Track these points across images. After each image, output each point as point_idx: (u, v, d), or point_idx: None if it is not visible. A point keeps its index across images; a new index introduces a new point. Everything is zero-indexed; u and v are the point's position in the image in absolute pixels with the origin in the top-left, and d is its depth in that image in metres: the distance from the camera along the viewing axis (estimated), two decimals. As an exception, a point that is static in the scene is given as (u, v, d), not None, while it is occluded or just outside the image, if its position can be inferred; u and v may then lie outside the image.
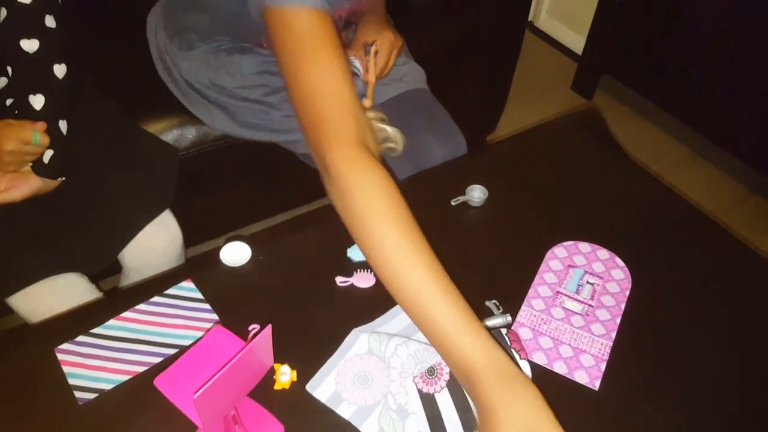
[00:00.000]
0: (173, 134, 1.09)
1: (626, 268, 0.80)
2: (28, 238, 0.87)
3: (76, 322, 0.68)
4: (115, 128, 1.00)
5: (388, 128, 0.94)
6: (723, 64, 1.71)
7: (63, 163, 0.86)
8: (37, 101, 0.82)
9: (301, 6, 0.67)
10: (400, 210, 0.61)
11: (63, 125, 0.85)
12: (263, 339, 0.49)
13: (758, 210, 1.82)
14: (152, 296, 0.71)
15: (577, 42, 2.28)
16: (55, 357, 0.65)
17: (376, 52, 1.02)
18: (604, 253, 0.82)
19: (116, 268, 1.00)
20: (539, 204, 0.89)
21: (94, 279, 0.94)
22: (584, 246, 0.83)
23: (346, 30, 1.09)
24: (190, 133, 1.09)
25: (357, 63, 1.02)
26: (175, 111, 1.07)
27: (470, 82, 1.59)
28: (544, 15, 2.45)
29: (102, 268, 0.93)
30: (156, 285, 0.73)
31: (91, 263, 0.92)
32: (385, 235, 0.59)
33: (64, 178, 0.87)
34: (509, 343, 0.65)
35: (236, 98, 1.01)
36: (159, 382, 0.49)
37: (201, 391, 0.43)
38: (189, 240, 1.01)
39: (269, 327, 0.50)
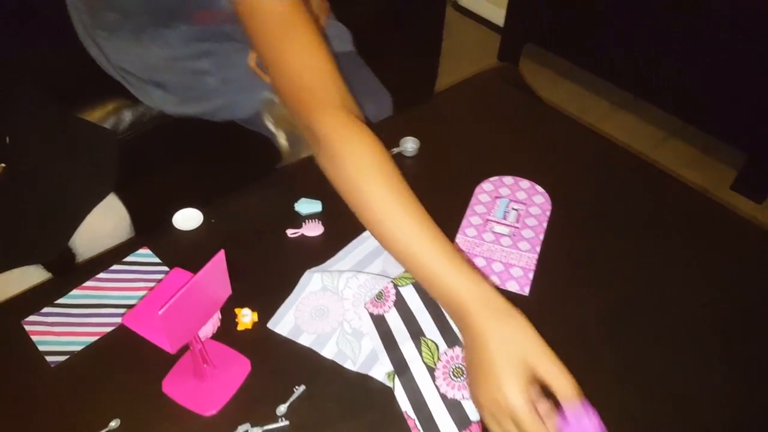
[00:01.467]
0: (111, 119, 1.12)
1: (546, 194, 0.89)
2: None
3: (40, 296, 0.72)
4: (50, 119, 1.02)
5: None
6: (635, 21, 1.85)
7: None
8: None
9: None
10: (388, 168, 0.65)
11: None
12: (217, 261, 0.54)
13: (675, 151, 1.97)
14: (110, 267, 0.75)
15: (498, 15, 2.39)
16: (23, 329, 0.68)
17: None
18: (525, 183, 0.91)
19: (71, 258, 1.02)
20: (466, 149, 0.97)
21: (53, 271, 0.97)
22: (508, 179, 0.91)
23: None
24: (127, 116, 1.12)
25: None
26: (112, 94, 1.10)
27: (400, 54, 1.67)
28: (465, -7, 2.56)
29: (55, 256, 0.95)
30: (113, 256, 0.77)
31: (44, 253, 0.94)
32: (376, 194, 0.64)
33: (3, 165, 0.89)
34: None
35: (169, 72, 1.05)
36: (127, 320, 0.54)
37: (165, 308, 0.48)
38: (141, 223, 1.04)
39: (222, 251, 0.55)
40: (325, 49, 0.71)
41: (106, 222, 0.99)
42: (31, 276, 0.90)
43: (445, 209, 0.86)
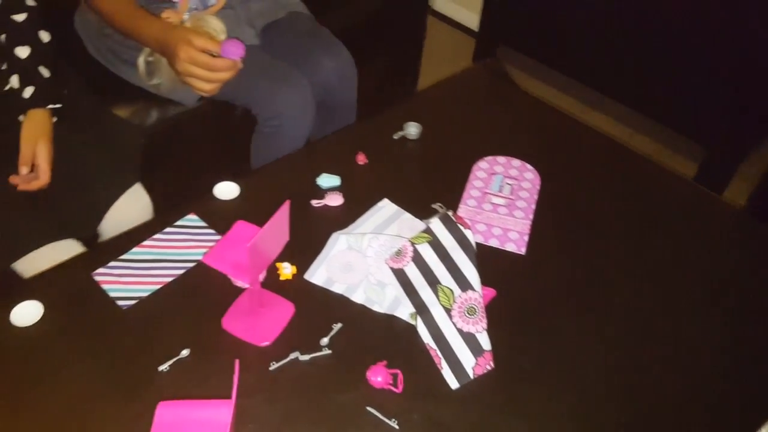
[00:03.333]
0: (139, 115, 1.22)
1: (535, 171, 1.04)
2: (25, 209, 0.97)
3: (104, 254, 0.82)
4: (85, 108, 1.11)
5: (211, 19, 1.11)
6: (604, 22, 2.02)
7: (51, 98, 1.00)
8: (23, 52, 0.97)
9: None
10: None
11: (44, 70, 1.00)
12: (284, 210, 0.66)
13: (642, 145, 2.16)
14: (163, 230, 0.86)
15: (472, 19, 2.55)
16: (93, 280, 0.78)
17: None
18: (516, 161, 1.05)
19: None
20: (463, 133, 1.11)
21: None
22: (501, 158, 1.05)
23: None
24: (153, 114, 1.22)
25: None
26: (140, 93, 1.20)
27: (383, 55, 1.80)
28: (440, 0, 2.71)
29: (91, 232, 1.05)
30: (162, 223, 0.87)
31: (81, 228, 1.03)
32: (116, 14, 1.06)
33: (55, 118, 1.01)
34: (455, 220, 0.85)
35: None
36: (207, 258, 0.65)
37: (251, 242, 0.59)
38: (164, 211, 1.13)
39: (288, 202, 0.67)
40: None
41: (131, 209, 1.09)
42: (72, 253, 0.99)
43: (448, 183, 1.00)
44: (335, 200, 0.94)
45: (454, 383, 0.74)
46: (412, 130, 1.07)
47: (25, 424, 0.65)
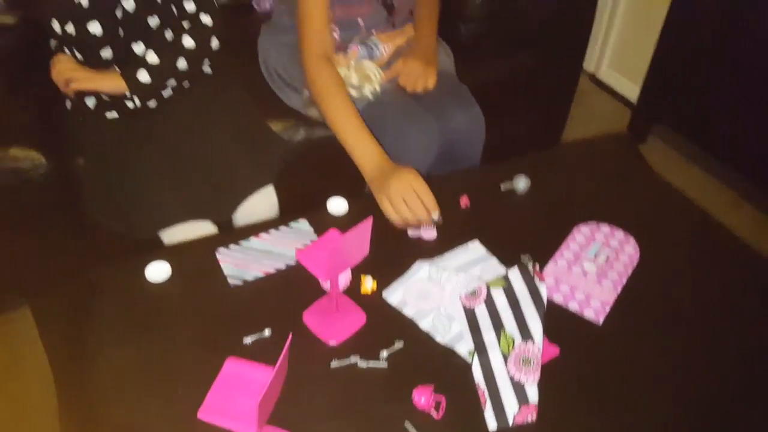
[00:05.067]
0: (288, 132, 1.41)
1: (637, 246, 1.02)
2: (174, 189, 1.18)
3: (228, 237, 0.98)
4: (245, 118, 1.32)
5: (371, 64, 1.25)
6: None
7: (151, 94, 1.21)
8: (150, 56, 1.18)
9: None
10: (337, 91, 1.16)
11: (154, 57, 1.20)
12: (366, 224, 0.76)
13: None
14: (279, 227, 1.00)
15: (633, 92, 2.49)
16: (215, 257, 0.95)
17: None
18: (620, 233, 1.05)
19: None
20: (572, 194, 1.13)
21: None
22: (605, 227, 1.06)
23: (390, 12, 1.40)
24: (301, 132, 1.41)
25: (380, 46, 1.33)
26: (290, 116, 1.41)
27: (525, 116, 1.84)
28: (605, 68, 2.69)
29: (226, 218, 1.23)
30: (281, 221, 1.02)
31: (218, 213, 1.22)
32: (329, 106, 1.15)
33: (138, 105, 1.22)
34: (532, 272, 0.89)
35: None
36: (299, 255, 0.77)
37: (332, 246, 0.70)
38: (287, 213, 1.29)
39: (371, 217, 0.77)
40: (321, 15, 1.20)
41: (261, 206, 1.26)
42: (205, 229, 1.17)
43: (544, 240, 1.03)
44: (429, 233, 1.02)
45: (492, 425, 0.77)
46: (521, 183, 1.12)
47: (145, 357, 0.82)
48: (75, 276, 0.92)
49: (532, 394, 0.79)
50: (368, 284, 0.91)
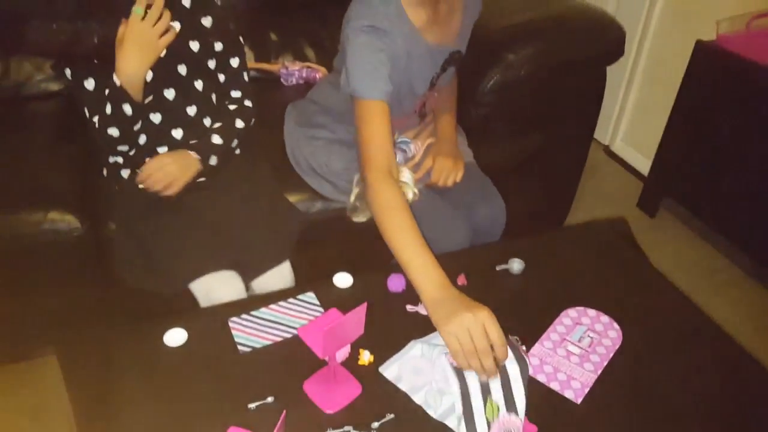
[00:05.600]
0: (305, 204, 1.53)
1: (620, 331, 1.09)
2: (201, 247, 1.29)
3: (241, 307, 1.08)
4: (268, 191, 1.45)
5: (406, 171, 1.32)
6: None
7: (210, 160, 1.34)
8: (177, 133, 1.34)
9: (368, 99, 1.20)
10: (402, 207, 1.09)
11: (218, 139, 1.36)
12: (361, 309, 0.85)
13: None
14: (288, 298, 1.10)
15: (646, 166, 2.57)
16: (228, 325, 1.04)
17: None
18: (605, 318, 1.12)
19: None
20: (564, 278, 1.21)
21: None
22: (591, 312, 1.13)
23: (422, 118, 1.52)
24: (316, 206, 1.53)
25: (411, 146, 1.43)
26: (303, 188, 1.53)
27: (534, 191, 1.93)
28: (619, 142, 2.78)
29: (252, 278, 1.34)
30: (291, 292, 1.12)
31: (242, 273, 1.32)
32: (392, 223, 1.08)
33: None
34: (519, 346, 0.96)
35: (337, 175, 1.48)
36: (300, 331, 0.86)
37: (327, 327, 0.79)
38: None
39: (365, 303, 0.86)
40: (386, 134, 1.18)
41: (276, 279, 1.36)
42: (233, 283, 1.28)
43: (532, 321, 1.10)
44: (426, 310, 1.11)
45: None
46: (515, 265, 1.20)
47: (158, 416, 0.90)
48: (101, 330, 1.02)
49: None
50: (365, 357, 0.99)
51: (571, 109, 1.82)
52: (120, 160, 1.38)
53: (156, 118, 1.33)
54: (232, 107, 1.41)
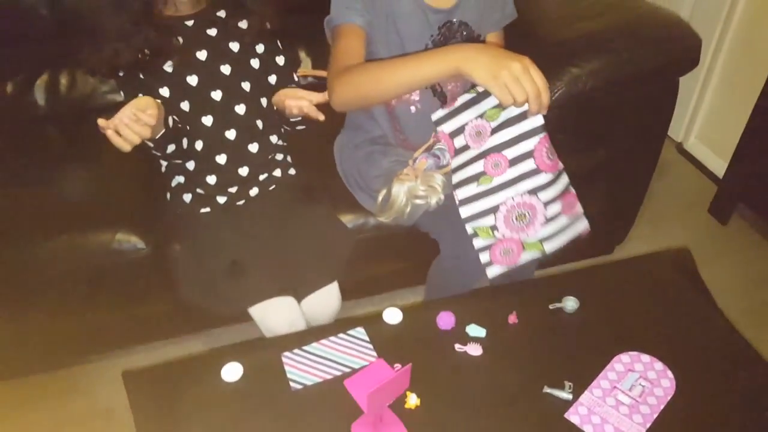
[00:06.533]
0: (356, 222, 1.56)
1: (674, 380, 1.06)
2: (260, 271, 1.34)
3: (295, 340, 1.12)
4: (321, 212, 1.48)
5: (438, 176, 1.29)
6: None
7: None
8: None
9: (341, 22, 1.24)
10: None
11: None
12: (405, 370, 0.87)
13: None
14: (338, 333, 1.13)
15: (721, 167, 2.42)
16: (281, 359, 1.09)
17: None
18: (659, 365, 1.09)
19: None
20: (620, 319, 1.18)
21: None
22: (645, 357, 1.10)
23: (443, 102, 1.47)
24: (371, 221, 1.55)
25: (447, 154, 1.41)
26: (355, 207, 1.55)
27: (598, 199, 1.86)
28: (693, 139, 2.63)
29: (301, 298, 1.39)
30: (341, 326, 1.15)
31: (296, 293, 1.37)
32: (367, 69, 1.13)
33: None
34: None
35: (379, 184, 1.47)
36: (347, 383, 0.89)
37: (371, 390, 0.81)
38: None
39: (409, 366, 0.87)
40: (358, 52, 1.21)
41: (324, 301, 1.40)
42: (291, 309, 1.33)
43: (585, 365, 1.09)
44: (475, 350, 1.11)
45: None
46: (569, 304, 1.18)
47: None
48: (166, 360, 1.10)
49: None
50: (412, 401, 1.02)
51: (638, 121, 1.73)
52: (182, 180, 1.44)
53: (207, 120, 1.37)
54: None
